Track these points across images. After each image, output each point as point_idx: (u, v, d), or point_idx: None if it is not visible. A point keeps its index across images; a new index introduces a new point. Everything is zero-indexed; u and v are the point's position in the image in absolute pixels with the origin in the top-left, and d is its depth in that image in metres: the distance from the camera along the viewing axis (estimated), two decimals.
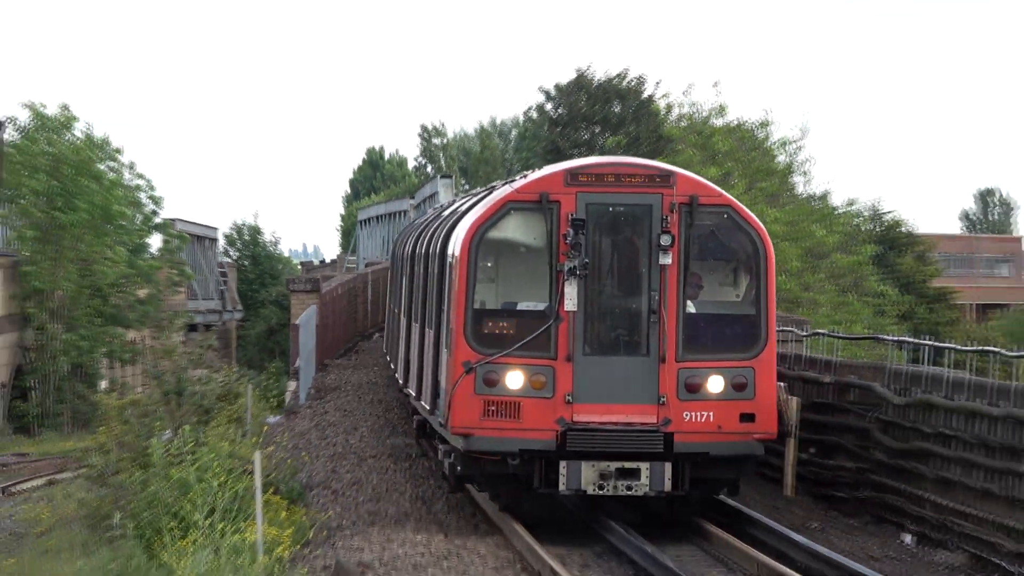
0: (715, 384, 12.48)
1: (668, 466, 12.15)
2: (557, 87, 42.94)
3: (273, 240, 51.28)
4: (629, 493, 12.27)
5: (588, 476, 12.19)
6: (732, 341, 12.81)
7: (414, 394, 17.28)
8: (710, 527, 12.92)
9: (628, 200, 12.86)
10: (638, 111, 41.69)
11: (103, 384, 33.40)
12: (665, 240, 12.26)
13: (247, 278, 45.72)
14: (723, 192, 13.41)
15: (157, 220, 42.32)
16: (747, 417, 12.44)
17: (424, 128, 57.88)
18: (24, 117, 38.27)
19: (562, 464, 12.16)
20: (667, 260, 12.36)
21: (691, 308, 12.73)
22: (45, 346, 36.58)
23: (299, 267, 47.05)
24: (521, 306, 13.02)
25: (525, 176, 14.12)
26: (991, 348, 16.75)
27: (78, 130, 38.73)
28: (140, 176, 40.92)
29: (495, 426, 12.41)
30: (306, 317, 27.64)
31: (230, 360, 32.68)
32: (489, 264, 13.20)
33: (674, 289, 12.55)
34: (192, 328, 37.28)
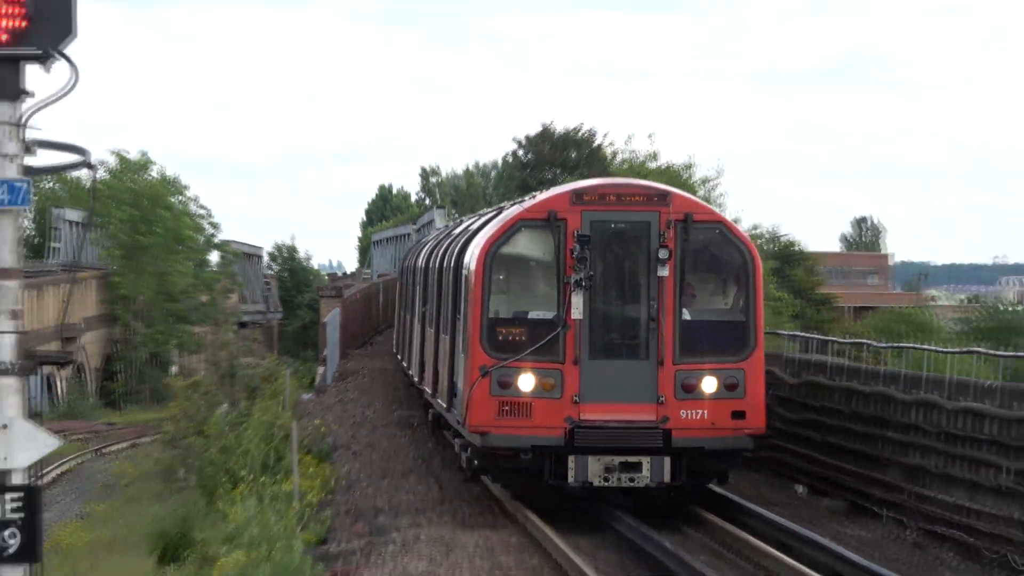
0: (709, 384, 11.36)
1: (667, 460, 11.16)
2: (527, 137, 44.33)
3: (306, 256, 53.31)
4: (632, 484, 11.26)
5: (594, 469, 11.12)
6: (724, 345, 11.64)
7: (429, 391, 16.16)
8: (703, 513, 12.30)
9: (629, 218, 11.73)
10: (590, 156, 43.00)
11: (174, 369, 34.98)
12: (662, 254, 11.21)
13: (286, 286, 47.14)
14: (715, 211, 12.67)
15: (215, 241, 42.40)
16: (738, 414, 11.37)
17: (424, 169, 60.83)
18: (112, 160, 39.03)
19: (571, 459, 11.14)
20: (664, 272, 11.29)
21: (686, 315, 11.65)
22: (129, 339, 40.58)
23: (326, 278, 48.45)
24: (532, 315, 11.82)
25: (534, 196, 13.22)
26: (863, 341, 17.20)
27: (154, 171, 39.71)
28: (202, 207, 41.68)
29: (509, 424, 11.30)
30: (332, 317, 28.55)
31: (272, 350, 32.73)
32: (502, 277, 12.09)
33: (671, 298, 11.44)
34: (242, 325, 38.08)
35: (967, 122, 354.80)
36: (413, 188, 67.69)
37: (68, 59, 4.12)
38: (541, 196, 12.72)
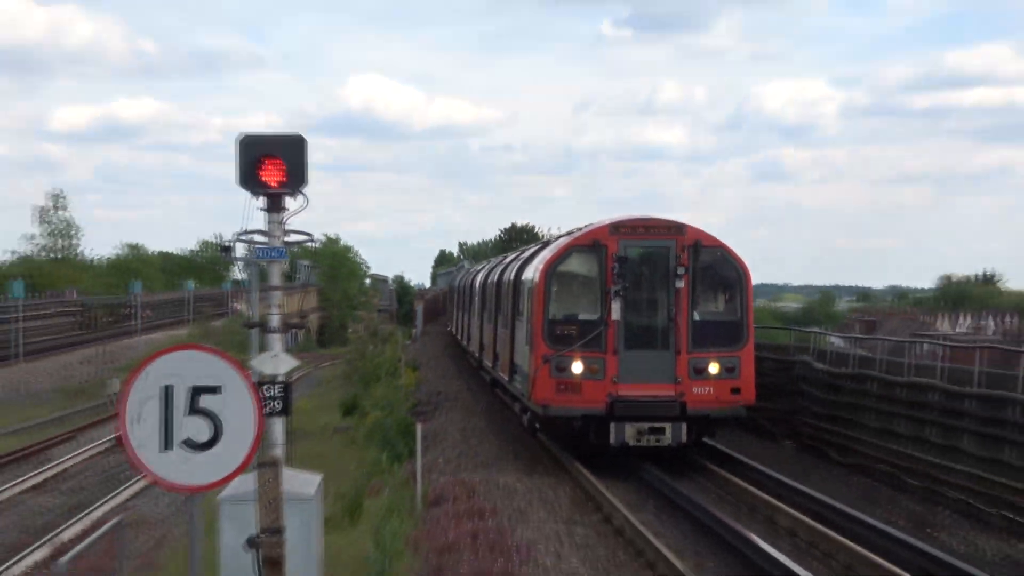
0: (713, 368, 14.29)
1: (684, 425, 14.19)
2: (508, 228, 78.91)
3: (407, 280, 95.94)
4: (657, 444, 14.22)
5: (629, 433, 14.07)
6: (725, 339, 14.54)
7: (490, 364, 22.23)
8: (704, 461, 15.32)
9: (653, 244, 14.69)
10: (536, 238, 66.73)
11: (351, 330, 61.04)
12: (679, 271, 14.21)
13: (400, 295, 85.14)
14: (718, 239, 14.99)
15: (369, 273, 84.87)
16: (735, 390, 14.37)
17: (460, 244, 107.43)
18: (323, 238, 73.47)
19: (612, 425, 14.09)
20: (680, 285, 14.24)
21: (697, 317, 14.48)
22: (330, 317, 73.01)
23: (416, 289, 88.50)
24: (580, 317, 14.64)
25: (581, 229, 16.26)
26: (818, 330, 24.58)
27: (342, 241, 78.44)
28: (361, 258, 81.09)
29: (564, 399, 14.32)
30: (419, 308, 59.00)
31: (393, 323, 62.37)
32: (557, 288, 14.94)
33: (685, 304, 14.34)
34: (379, 311, 72.13)
35: None
36: (454, 248, 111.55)
37: (304, 194, 8.08)
38: (587, 228, 15.65)
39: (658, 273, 14.51)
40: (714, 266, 14.72)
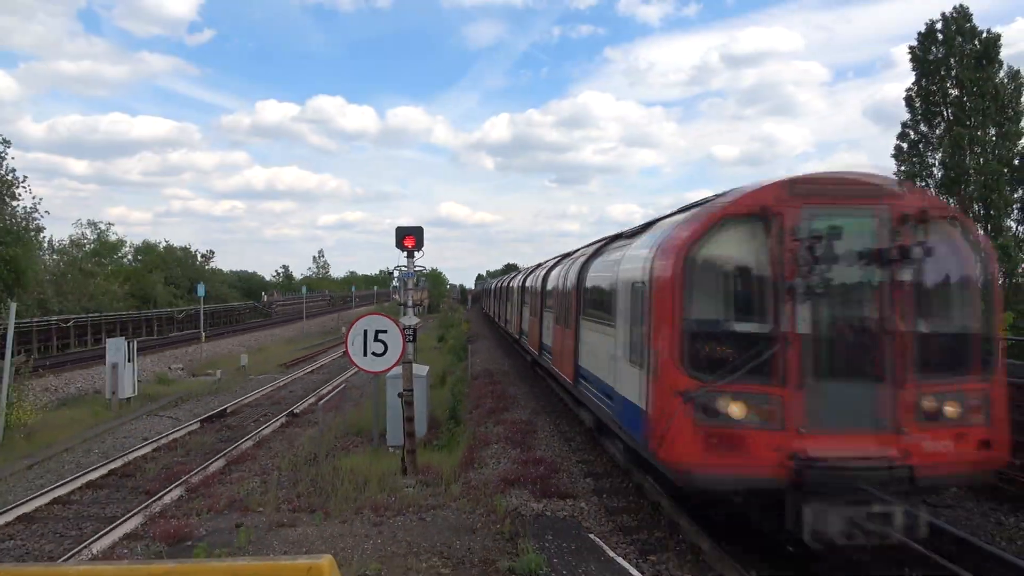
0: (952, 409, 8.79)
1: (923, 508, 8.47)
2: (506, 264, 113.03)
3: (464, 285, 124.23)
4: (881, 541, 8.26)
5: (835, 522, 8.22)
6: (966, 362, 9.02)
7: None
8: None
9: (856, 213, 8.94)
10: None
11: (440, 306, 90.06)
12: (898, 255, 8.69)
13: (461, 292, 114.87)
14: (950, 205, 9.41)
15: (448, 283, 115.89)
16: (984, 444, 8.82)
17: (479, 274, 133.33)
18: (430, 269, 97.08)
19: (806, 509, 8.29)
20: (901, 277, 8.78)
21: (924, 328, 8.95)
22: (432, 300, 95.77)
23: (468, 290, 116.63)
24: (739, 328, 8.91)
25: (739, 190, 9.88)
26: None
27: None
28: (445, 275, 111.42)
29: (718, 461, 8.56)
30: (469, 298, 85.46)
31: (458, 303, 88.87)
32: (702, 283, 9.03)
33: (907, 308, 8.81)
34: (452, 298, 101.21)
35: None
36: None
37: (421, 250, 14.09)
38: (748, 187, 9.59)
39: (864, 259, 8.90)
40: (948, 248, 9.13)
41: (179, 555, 9.85)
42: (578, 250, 19.96)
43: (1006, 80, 38.44)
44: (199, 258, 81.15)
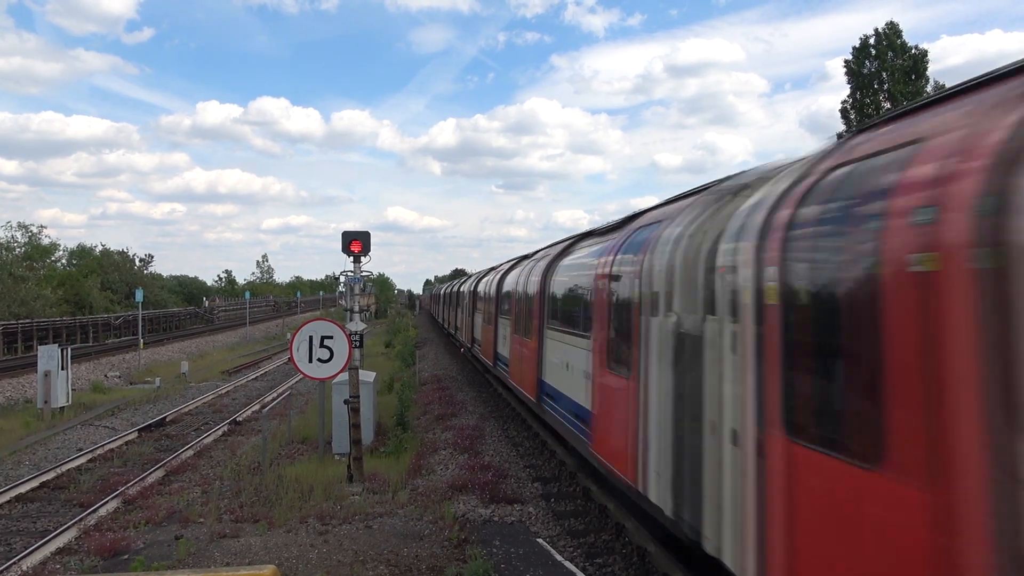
0: None
1: None
2: (454, 270, 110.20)
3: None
4: None
5: None
6: None
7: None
8: None
9: None
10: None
11: (388, 311, 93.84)
12: None
13: (409, 297, 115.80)
14: None
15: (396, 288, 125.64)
16: None
17: (427, 280, 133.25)
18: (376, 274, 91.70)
19: None
20: None
21: None
22: (380, 305, 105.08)
23: (417, 296, 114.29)
24: None
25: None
26: None
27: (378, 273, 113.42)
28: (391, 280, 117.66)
29: None
30: (417, 303, 73.02)
31: (406, 309, 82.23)
32: None
33: None
34: (400, 303, 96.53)
35: None
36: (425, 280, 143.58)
37: (368, 255, 14.08)
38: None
39: None
40: None
41: (115, 569, 9.57)
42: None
43: (933, 94, 40.17)
44: (137, 262, 78.90)
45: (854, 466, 3.71)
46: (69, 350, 25.39)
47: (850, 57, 41.53)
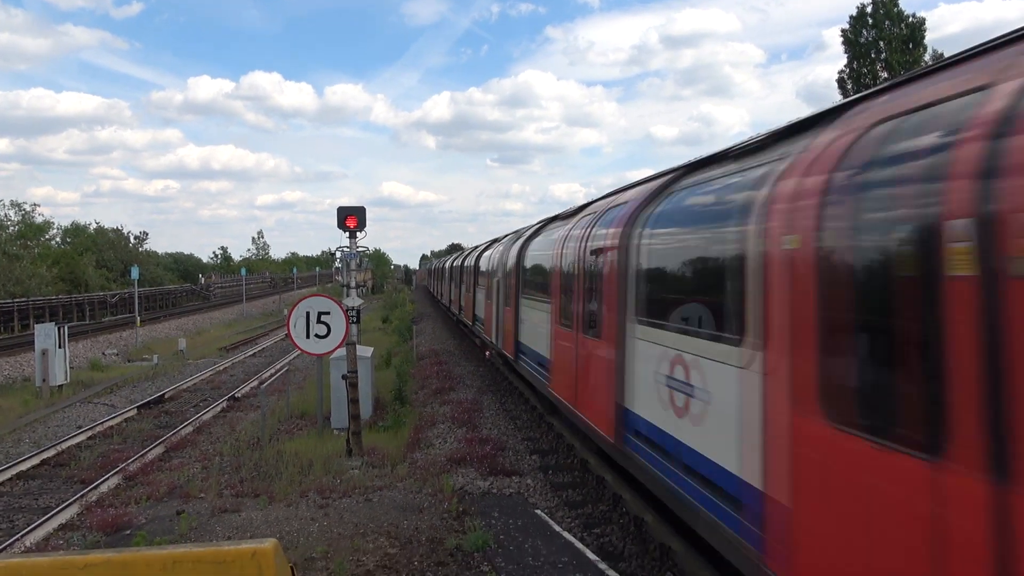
0: None
1: None
2: (451, 245, 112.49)
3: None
4: None
5: None
6: None
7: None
8: None
9: None
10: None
11: (385, 286, 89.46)
12: None
13: (405, 272, 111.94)
14: None
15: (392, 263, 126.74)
16: None
17: (423, 254, 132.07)
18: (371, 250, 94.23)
19: None
20: None
21: None
22: (376, 280, 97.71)
23: (413, 271, 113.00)
24: None
25: None
26: None
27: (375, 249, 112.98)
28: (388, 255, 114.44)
29: None
30: (415, 278, 72.21)
31: (403, 284, 79.94)
32: None
33: None
34: (397, 278, 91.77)
35: None
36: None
37: (363, 230, 14.11)
38: None
39: None
40: None
41: (118, 544, 9.63)
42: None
43: (931, 63, 39.93)
44: (132, 240, 78.56)
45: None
46: (66, 328, 25.38)
47: (847, 26, 41.25)
